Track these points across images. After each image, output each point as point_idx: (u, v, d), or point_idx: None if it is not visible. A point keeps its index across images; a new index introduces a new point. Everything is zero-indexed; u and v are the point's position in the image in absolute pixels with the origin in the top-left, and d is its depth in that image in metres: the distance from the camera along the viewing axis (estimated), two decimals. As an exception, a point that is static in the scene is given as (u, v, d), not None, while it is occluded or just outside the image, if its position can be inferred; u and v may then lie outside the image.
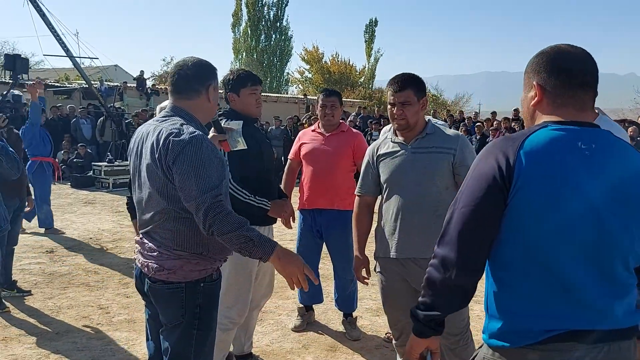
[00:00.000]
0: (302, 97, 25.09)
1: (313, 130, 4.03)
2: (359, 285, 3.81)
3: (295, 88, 43.17)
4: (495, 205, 1.38)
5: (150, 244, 2.17)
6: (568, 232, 1.34)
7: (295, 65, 63.44)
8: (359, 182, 2.94)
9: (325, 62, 40.06)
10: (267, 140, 3.35)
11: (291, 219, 3.70)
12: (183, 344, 2.15)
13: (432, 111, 21.67)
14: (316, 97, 4.18)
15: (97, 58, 20.28)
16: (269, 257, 2.00)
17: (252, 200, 2.99)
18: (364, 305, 4.52)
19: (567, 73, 1.45)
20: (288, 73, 44.07)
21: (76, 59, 15.21)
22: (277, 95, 31.12)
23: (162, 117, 2.18)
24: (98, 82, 19.37)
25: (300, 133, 4.20)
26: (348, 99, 30.48)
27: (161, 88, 23.09)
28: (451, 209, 1.49)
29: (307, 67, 40.89)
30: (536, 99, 1.49)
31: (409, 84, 2.65)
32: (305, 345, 3.82)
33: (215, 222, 1.95)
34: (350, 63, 40.04)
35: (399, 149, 2.74)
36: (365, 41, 41.70)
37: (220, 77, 2.41)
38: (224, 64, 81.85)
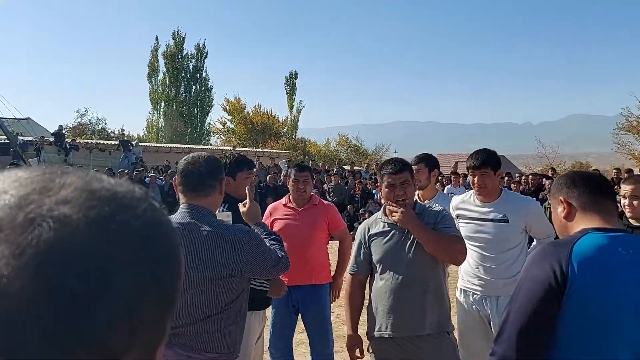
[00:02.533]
0: (231, 148, 24.92)
1: (284, 205, 3.98)
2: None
3: (218, 138, 42.95)
4: (551, 307, 1.54)
5: None
6: (617, 331, 1.52)
7: (217, 116, 63.35)
8: (350, 261, 2.99)
9: (248, 112, 40.28)
10: None
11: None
12: None
13: (350, 162, 22.01)
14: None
15: (28, 118, 19.27)
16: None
17: (252, 284, 2.91)
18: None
19: (585, 184, 1.69)
20: (210, 123, 43.91)
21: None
22: (203, 147, 30.78)
23: (179, 222, 2.16)
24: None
25: (270, 207, 4.12)
26: (273, 150, 30.72)
27: (80, 142, 22.14)
28: (507, 309, 1.60)
29: (229, 117, 40.92)
30: (565, 211, 1.70)
31: (407, 165, 2.83)
32: None
33: None
34: (273, 114, 40.55)
35: (389, 228, 2.82)
36: (287, 93, 42.54)
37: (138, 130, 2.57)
38: (142, 114, 79.95)
